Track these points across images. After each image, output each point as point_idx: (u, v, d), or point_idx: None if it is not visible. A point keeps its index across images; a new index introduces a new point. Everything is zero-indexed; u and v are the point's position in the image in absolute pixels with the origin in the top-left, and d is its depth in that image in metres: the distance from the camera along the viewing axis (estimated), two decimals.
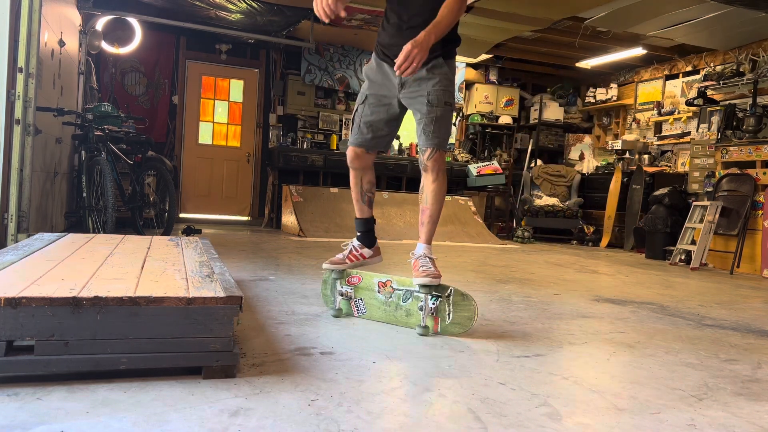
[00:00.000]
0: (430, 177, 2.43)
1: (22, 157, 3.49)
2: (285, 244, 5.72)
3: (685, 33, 6.91)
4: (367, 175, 2.59)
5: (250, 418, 1.37)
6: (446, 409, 1.54)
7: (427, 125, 2.38)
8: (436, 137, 2.39)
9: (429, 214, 2.44)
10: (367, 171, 2.59)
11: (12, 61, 3.46)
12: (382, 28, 2.51)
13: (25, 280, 1.68)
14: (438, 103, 2.37)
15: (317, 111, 8.50)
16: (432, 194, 2.43)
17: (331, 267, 2.57)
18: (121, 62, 7.63)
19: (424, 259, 2.37)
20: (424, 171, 2.45)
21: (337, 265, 2.57)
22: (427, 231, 2.44)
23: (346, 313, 2.57)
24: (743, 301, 3.87)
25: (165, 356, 1.57)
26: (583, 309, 3.17)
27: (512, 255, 6.07)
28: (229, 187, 8.37)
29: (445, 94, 2.40)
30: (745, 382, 1.97)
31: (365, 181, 2.60)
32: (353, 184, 2.61)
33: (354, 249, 2.62)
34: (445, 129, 2.41)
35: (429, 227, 2.44)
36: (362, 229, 2.65)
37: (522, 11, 6.34)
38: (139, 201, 5.39)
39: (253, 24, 7.39)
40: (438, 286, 2.31)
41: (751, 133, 6.12)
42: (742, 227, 5.77)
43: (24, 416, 1.31)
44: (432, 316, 2.32)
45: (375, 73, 2.51)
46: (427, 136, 2.39)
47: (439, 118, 2.38)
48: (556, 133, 9.67)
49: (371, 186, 2.63)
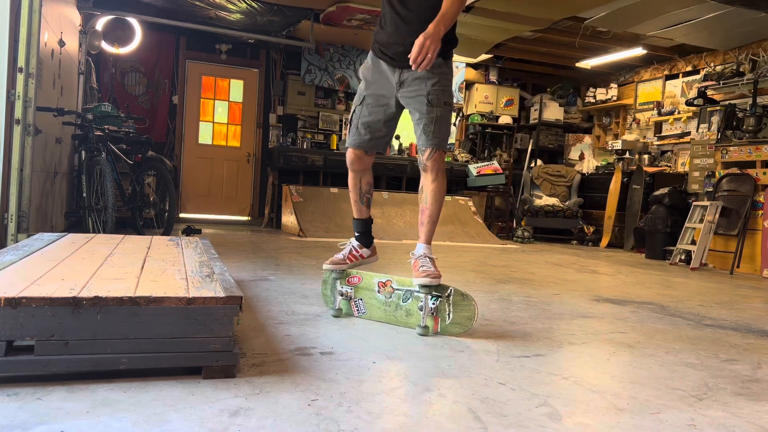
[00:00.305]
0: (429, 177, 2.43)
1: (22, 157, 3.49)
2: (285, 244, 5.72)
3: (685, 33, 6.91)
4: (366, 177, 2.60)
5: (250, 418, 1.37)
6: (446, 409, 1.54)
7: (428, 125, 2.38)
8: (436, 137, 2.39)
9: (428, 214, 2.44)
10: (366, 172, 2.60)
11: (12, 61, 3.46)
12: (380, 27, 2.51)
13: (25, 280, 1.68)
14: (438, 103, 2.38)
15: (317, 111, 8.51)
16: (432, 194, 2.43)
17: (331, 267, 2.57)
18: (121, 62, 7.63)
19: (424, 259, 2.37)
20: (423, 171, 2.45)
21: (338, 265, 2.57)
22: (426, 231, 2.44)
23: (346, 313, 2.57)
24: (743, 301, 3.87)
25: (165, 356, 1.57)
26: (583, 309, 3.17)
27: (512, 255, 6.07)
28: (229, 187, 8.37)
29: (444, 94, 2.40)
30: (745, 382, 1.97)
31: (364, 183, 2.61)
32: (352, 185, 2.61)
33: (354, 249, 2.62)
34: (444, 129, 2.42)
35: (429, 227, 2.44)
36: (361, 229, 2.66)
37: (522, 11, 6.34)
38: (139, 201, 5.39)
39: (253, 24, 7.39)
40: (438, 287, 2.31)
41: (751, 133, 6.12)
42: (742, 227, 5.77)
43: (24, 416, 1.31)
44: (432, 316, 2.32)
45: (372, 73, 2.51)
46: (427, 136, 2.39)
47: (439, 119, 2.38)
48: (556, 133, 9.67)
49: (370, 187, 2.64)
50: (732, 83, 6.78)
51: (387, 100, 2.49)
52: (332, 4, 6.62)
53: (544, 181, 8.69)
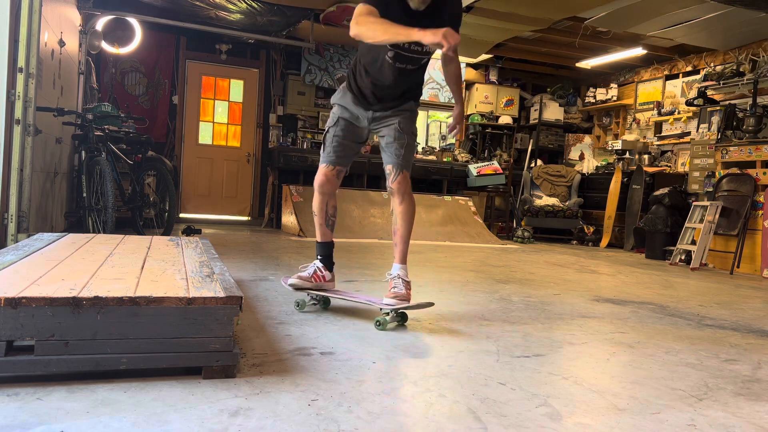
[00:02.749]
0: (397, 199, 2.56)
1: (22, 158, 3.49)
2: (285, 244, 5.72)
3: (685, 33, 6.91)
4: (332, 200, 2.74)
5: (250, 418, 1.37)
6: (446, 409, 1.54)
7: (398, 149, 2.56)
8: (405, 161, 2.56)
9: (400, 235, 2.57)
10: (333, 196, 2.73)
11: (12, 61, 3.46)
12: (361, 76, 2.59)
13: (25, 280, 1.68)
14: (407, 131, 2.59)
15: (317, 111, 8.51)
16: (401, 215, 2.55)
17: (299, 284, 2.65)
18: (121, 62, 7.63)
19: (398, 281, 2.49)
20: (391, 195, 2.60)
21: (304, 282, 2.66)
22: (401, 251, 2.57)
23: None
24: (743, 301, 3.87)
25: (165, 356, 1.57)
26: (583, 309, 3.17)
27: (512, 255, 6.07)
28: (229, 187, 8.37)
29: (411, 125, 2.63)
30: (745, 382, 1.97)
31: (330, 206, 2.73)
32: (319, 209, 2.72)
33: (318, 269, 2.69)
34: (410, 155, 2.60)
35: (402, 247, 2.57)
36: (325, 252, 2.74)
37: (522, 11, 6.34)
38: (139, 201, 5.39)
39: (253, 24, 7.39)
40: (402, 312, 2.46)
41: (751, 133, 6.12)
42: (742, 227, 5.77)
43: (24, 416, 1.31)
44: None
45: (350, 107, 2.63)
46: (397, 158, 2.55)
47: (408, 145, 2.58)
48: (556, 133, 9.67)
49: (335, 210, 2.76)
50: (732, 83, 6.78)
51: (360, 125, 2.66)
52: (332, 4, 6.63)
53: (544, 181, 8.69)
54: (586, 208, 8.43)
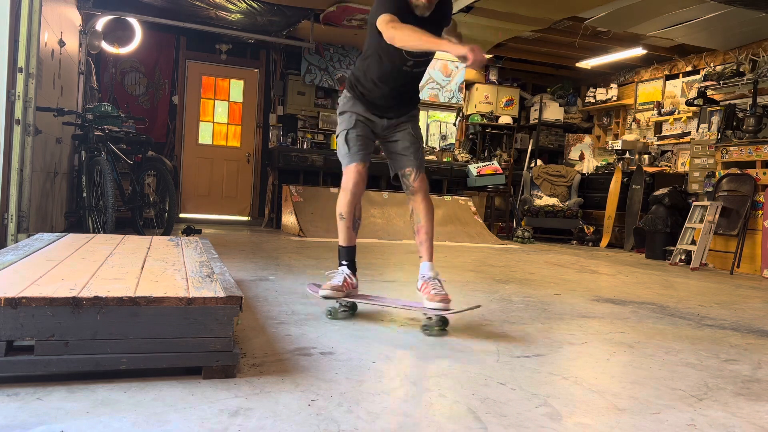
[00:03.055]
0: (419, 197, 2.60)
1: (22, 158, 3.49)
2: (285, 244, 5.72)
3: (685, 33, 6.91)
4: (360, 202, 2.69)
5: (250, 418, 1.37)
6: (446, 409, 1.54)
7: (416, 151, 2.64)
8: (421, 162, 2.66)
9: (425, 231, 2.58)
10: (361, 197, 2.68)
11: (12, 61, 3.46)
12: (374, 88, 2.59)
13: (25, 280, 1.68)
14: (419, 135, 2.72)
15: (317, 111, 8.51)
16: (424, 213, 2.58)
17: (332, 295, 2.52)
18: (121, 62, 7.63)
19: (434, 281, 2.45)
20: (412, 194, 2.62)
21: (337, 292, 2.52)
22: (427, 248, 2.56)
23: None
24: (743, 301, 3.87)
25: (165, 356, 1.57)
26: (583, 309, 3.17)
27: (512, 255, 6.07)
28: (229, 187, 8.37)
29: (419, 128, 2.77)
30: (745, 382, 1.97)
31: (357, 208, 2.66)
32: (348, 212, 2.59)
33: (348, 277, 2.59)
34: (423, 157, 2.72)
35: (428, 244, 2.57)
36: (351, 257, 2.65)
37: (522, 11, 6.34)
38: (139, 201, 5.39)
39: (253, 24, 7.39)
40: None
41: (751, 133, 6.12)
42: (742, 227, 5.77)
43: (24, 416, 1.31)
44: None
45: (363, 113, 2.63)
46: (417, 160, 2.63)
47: (421, 147, 2.70)
48: (556, 133, 9.67)
49: (360, 212, 2.72)
50: (732, 83, 6.77)
51: (375, 128, 2.68)
52: (332, 4, 6.62)
53: (544, 181, 8.69)
54: (586, 208, 8.43)
